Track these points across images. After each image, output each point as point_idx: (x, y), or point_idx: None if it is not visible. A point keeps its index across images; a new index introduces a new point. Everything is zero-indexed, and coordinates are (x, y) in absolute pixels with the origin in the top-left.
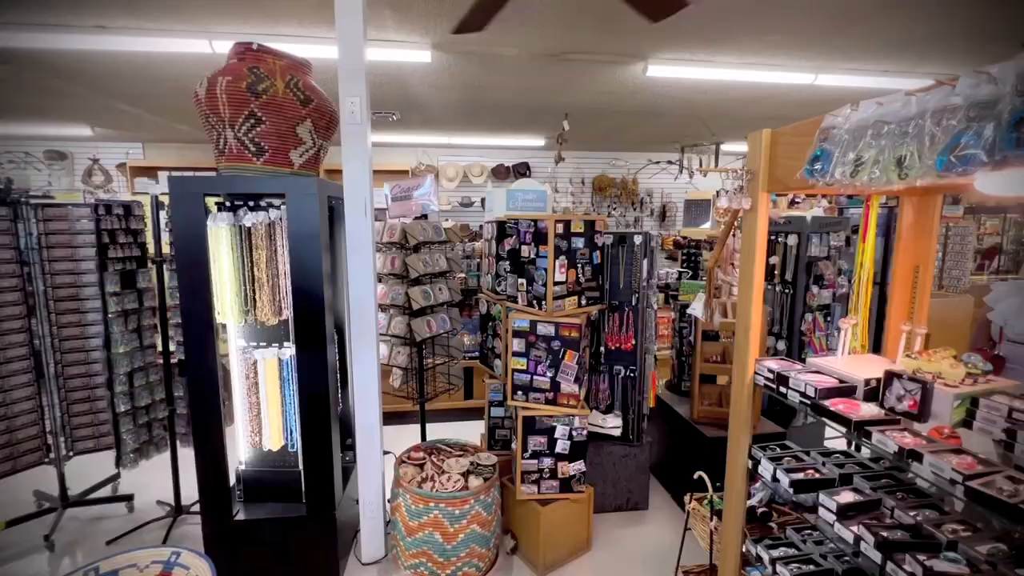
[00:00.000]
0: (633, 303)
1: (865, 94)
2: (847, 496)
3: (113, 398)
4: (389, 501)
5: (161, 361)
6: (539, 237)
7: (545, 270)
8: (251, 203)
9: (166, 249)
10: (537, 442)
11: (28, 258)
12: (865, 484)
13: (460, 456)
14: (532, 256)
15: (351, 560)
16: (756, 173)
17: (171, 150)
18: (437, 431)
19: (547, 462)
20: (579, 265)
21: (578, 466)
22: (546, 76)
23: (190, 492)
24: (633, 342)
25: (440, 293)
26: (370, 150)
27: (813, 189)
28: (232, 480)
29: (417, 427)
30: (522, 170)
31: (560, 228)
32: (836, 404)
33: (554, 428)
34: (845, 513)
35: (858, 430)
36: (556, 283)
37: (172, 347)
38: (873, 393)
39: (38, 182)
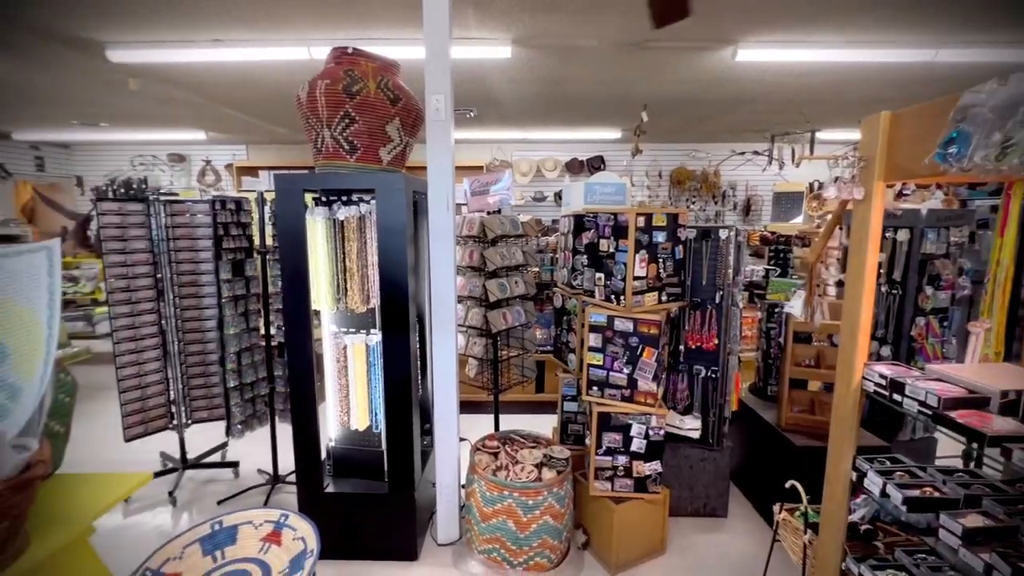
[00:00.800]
0: (717, 301)
1: (989, 71)
2: (975, 520)
3: (224, 374)
4: (464, 486)
5: (264, 343)
6: (619, 231)
7: (624, 264)
8: (344, 198)
9: (269, 241)
10: (612, 439)
11: (158, 248)
12: (998, 508)
13: (533, 448)
14: (611, 250)
15: (427, 540)
16: (871, 160)
17: (271, 151)
18: (509, 422)
19: (622, 460)
20: (660, 260)
21: (654, 466)
22: (625, 66)
23: (286, 463)
24: (716, 341)
25: (516, 286)
26: (453, 146)
27: (941, 177)
28: (323, 455)
29: (490, 417)
30: (596, 164)
31: (641, 222)
32: (964, 416)
33: (630, 426)
34: (973, 538)
35: (993, 446)
36: (636, 278)
37: (272, 331)
38: (1012, 407)
39: (162, 181)
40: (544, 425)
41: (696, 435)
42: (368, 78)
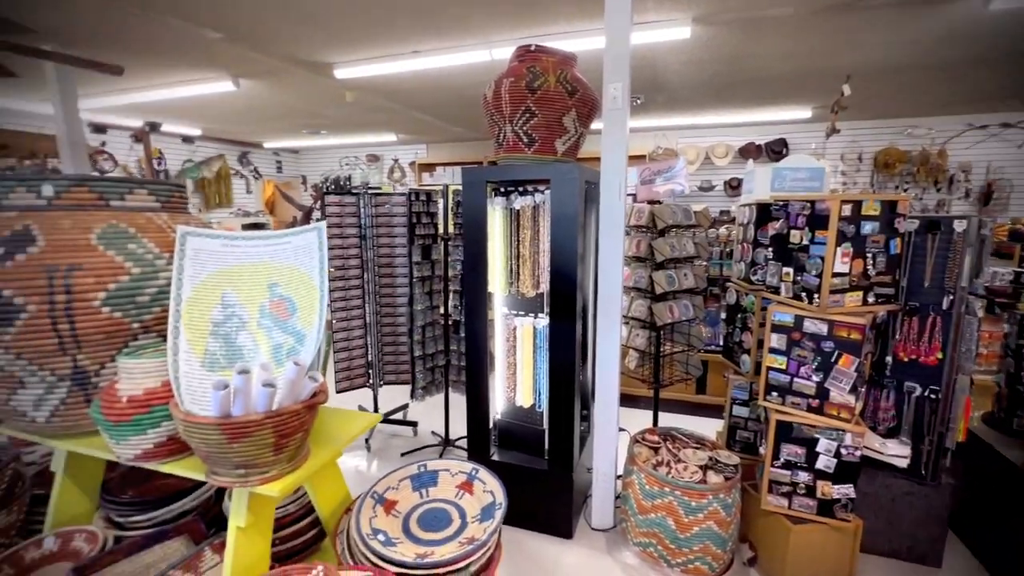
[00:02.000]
0: (944, 307)
1: None
2: None
3: (412, 345)
4: (620, 476)
5: (443, 319)
6: (816, 220)
7: (821, 259)
8: (520, 188)
9: (451, 229)
10: (792, 452)
11: (364, 233)
12: None
13: (698, 448)
14: (804, 242)
15: (581, 522)
16: None
17: (446, 149)
18: (666, 420)
19: (803, 477)
20: (869, 255)
21: (845, 490)
22: (825, 34)
23: (455, 429)
24: (939, 356)
25: (684, 279)
26: (628, 134)
27: None
28: (490, 425)
29: (645, 412)
30: (778, 148)
31: (847, 210)
32: None
33: (816, 440)
34: None
35: None
36: (836, 274)
37: (450, 309)
38: None
39: (360, 179)
40: (703, 427)
41: (902, 463)
42: (548, 72)
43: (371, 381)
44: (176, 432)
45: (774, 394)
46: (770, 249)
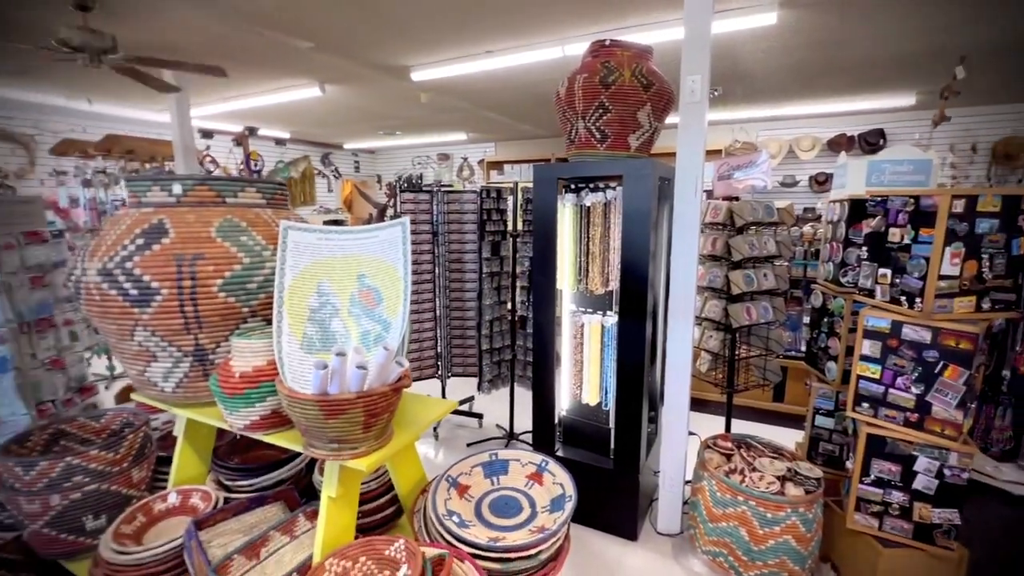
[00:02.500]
0: None
1: None
2: None
3: (479, 338)
4: (689, 482)
5: (510, 315)
6: (920, 218)
7: (926, 259)
8: (591, 185)
9: (520, 226)
10: (885, 469)
11: (436, 229)
12: None
13: (775, 458)
14: (905, 241)
15: (646, 525)
16: None
17: (514, 147)
18: (739, 428)
19: (898, 497)
20: (985, 256)
21: (948, 515)
22: (934, 11)
23: (520, 423)
24: None
25: (764, 279)
26: (706, 128)
27: None
28: (555, 421)
29: (716, 418)
30: (873, 139)
31: (958, 206)
32: None
33: (914, 458)
34: None
35: None
36: (943, 277)
37: (517, 305)
38: None
39: (431, 177)
40: (780, 437)
41: (1021, 491)
42: (623, 67)
43: (439, 372)
44: (278, 406)
45: (865, 405)
46: (864, 248)
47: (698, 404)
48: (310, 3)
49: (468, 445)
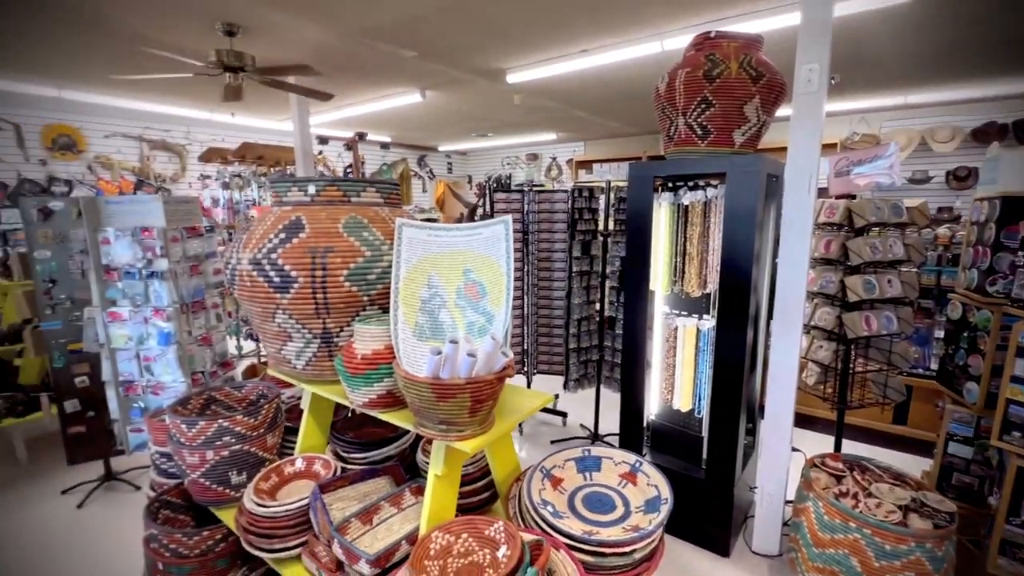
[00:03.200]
0: None
1: None
2: None
3: (567, 337)
4: (791, 502)
5: (598, 315)
6: None
7: None
8: (691, 183)
9: (611, 225)
10: None
11: (526, 228)
12: None
13: (896, 485)
14: None
15: (740, 542)
16: None
17: (603, 146)
18: (849, 449)
19: None
20: None
21: None
22: None
23: (605, 425)
24: None
25: (889, 286)
26: (823, 120)
27: None
28: (643, 424)
29: (824, 436)
30: None
31: None
32: None
33: None
34: None
35: None
36: None
37: (605, 305)
38: None
39: (519, 177)
40: (900, 464)
41: None
42: (730, 59)
43: (525, 369)
44: (393, 387)
45: (1016, 434)
46: (1020, 254)
47: (802, 420)
48: (419, 14)
49: (552, 442)
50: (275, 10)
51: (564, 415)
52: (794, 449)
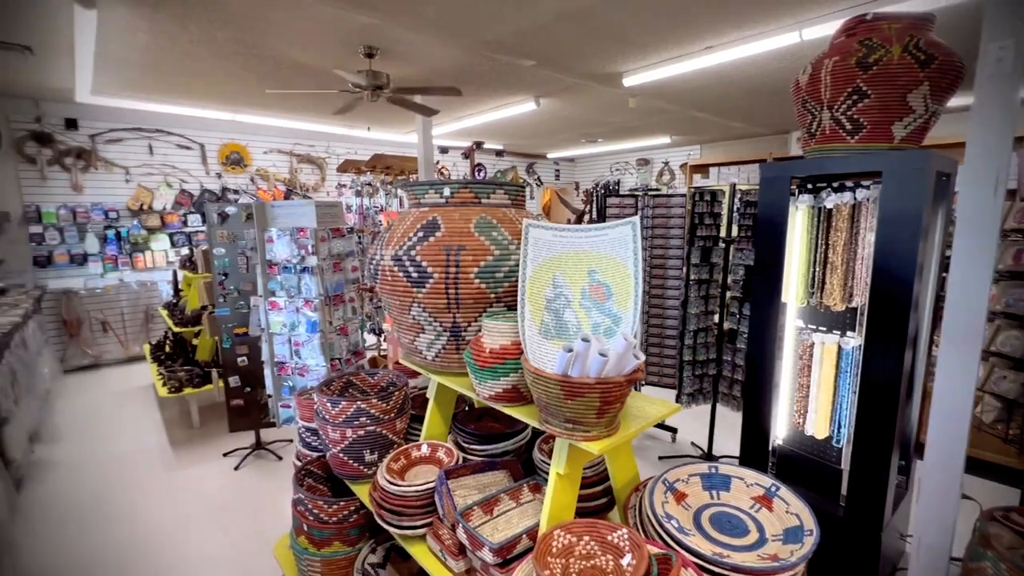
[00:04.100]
0: None
1: None
2: None
3: (681, 348)
4: (957, 559)
5: (716, 327)
6: None
7: None
8: (835, 184)
9: (735, 231)
10: None
11: (643, 233)
12: None
13: None
14: None
15: None
16: None
17: (721, 148)
18: None
19: None
20: None
21: None
22: None
23: (720, 445)
24: None
25: None
26: (1018, 108)
27: None
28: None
29: (1008, 489)
30: None
31: None
32: None
33: None
34: None
35: None
36: None
37: (725, 317)
38: None
39: (628, 183)
40: None
41: None
42: (891, 42)
43: None
44: (518, 383)
45: None
46: None
47: (974, 463)
48: (541, 24)
49: (660, 458)
50: (410, 32)
51: (674, 431)
52: (964, 496)
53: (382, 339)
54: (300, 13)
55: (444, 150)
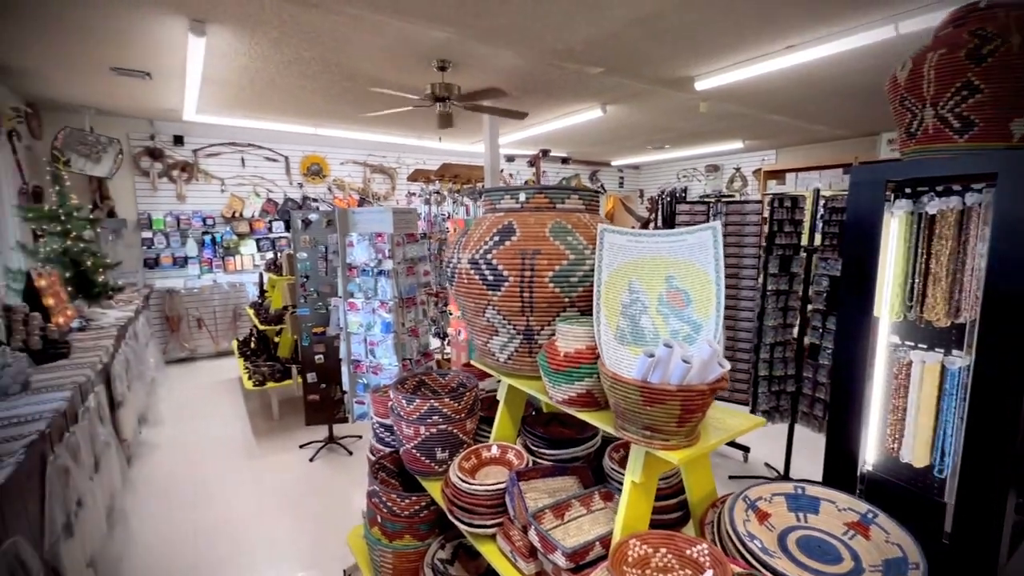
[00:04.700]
0: None
1: None
2: None
3: (757, 362)
4: None
5: (796, 341)
6: None
7: None
8: (938, 188)
9: (818, 240)
10: None
11: None
12: None
13: None
14: None
15: None
16: None
17: (799, 153)
18: None
19: None
20: None
21: None
22: None
23: (797, 468)
24: None
25: None
26: None
27: None
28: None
29: None
30: None
31: None
32: None
33: None
34: None
35: None
36: None
37: (807, 331)
38: None
39: (697, 189)
40: None
41: None
42: (1008, 32)
43: None
44: (592, 388)
45: None
46: None
47: None
48: (612, 31)
49: (730, 478)
50: (481, 44)
51: (746, 449)
52: None
53: (446, 343)
54: (381, 31)
55: (510, 158)
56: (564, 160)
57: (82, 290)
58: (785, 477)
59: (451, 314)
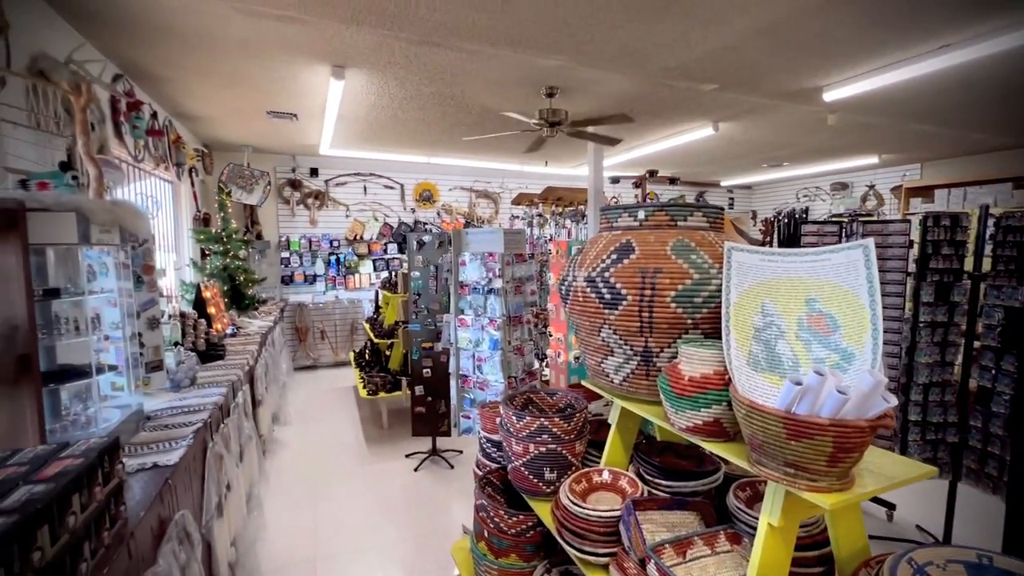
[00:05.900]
0: None
1: None
2: None
3: (907, 404)
4: None
5: (959, 383)
6: None
7: None
8: None
9: (986, 266)
10: None
11: None
12: None
13: None
14: None
15: None
16: None
17: (952, 166)
18: None
19: None
20: None
21: None
22: None
23: (960, 534)
24: None
25: None
26: None
27: None
28: None
29: None
30: None
31: None
32: None
33: None
34: None
35: None
36: None
37: (974, 371)
38: None
39: (820, 210)
40: None
41: None
42: None
43: None
44: (721, 416)
45: None
46: None
47: None
48: (730, 44)
49: (870, 538)
50: (591, 69)
51: (891, 507)
52: None
53: (544, 364)
54: (494, 63)
55: (615, 180)
56: (672, 181)
57: (235, 301)
58: (944, 543)
59: (551, 335)
